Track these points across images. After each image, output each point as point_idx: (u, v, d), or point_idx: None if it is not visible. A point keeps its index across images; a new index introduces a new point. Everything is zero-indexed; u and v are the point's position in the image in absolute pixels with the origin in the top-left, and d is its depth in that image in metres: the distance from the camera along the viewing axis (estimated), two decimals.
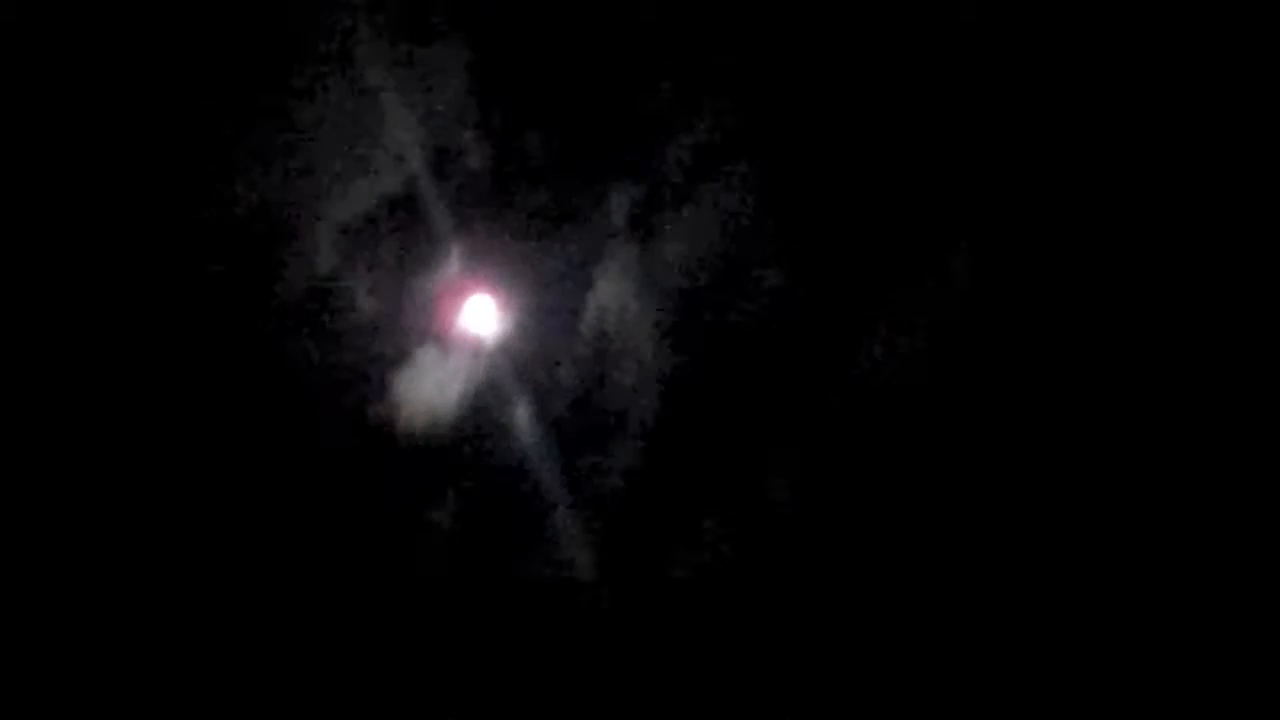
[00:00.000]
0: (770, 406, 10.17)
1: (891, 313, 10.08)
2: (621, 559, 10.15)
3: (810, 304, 10.16)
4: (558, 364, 10.34)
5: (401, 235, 10.17)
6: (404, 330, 10.29)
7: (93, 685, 9.41)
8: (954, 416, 10.01)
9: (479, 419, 10.27)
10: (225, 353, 9.89)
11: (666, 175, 10.32)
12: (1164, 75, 9.88)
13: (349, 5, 9.78)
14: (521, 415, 10.26)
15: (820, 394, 10.24)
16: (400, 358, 10.21)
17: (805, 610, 10.07)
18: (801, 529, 10.18)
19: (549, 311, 10.33)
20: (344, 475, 10.09)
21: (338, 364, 10.13)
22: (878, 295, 10.11)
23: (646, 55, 10.18)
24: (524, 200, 10.27)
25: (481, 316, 10.34)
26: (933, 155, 10.24)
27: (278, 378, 9.98)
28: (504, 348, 10.32)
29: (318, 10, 9.75)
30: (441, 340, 10.31)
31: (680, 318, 10.36)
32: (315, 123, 9.83)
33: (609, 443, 10.29)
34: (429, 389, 10.23)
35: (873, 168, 10.26)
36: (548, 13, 10.19)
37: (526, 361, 10.33)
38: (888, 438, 10.11)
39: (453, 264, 10.29)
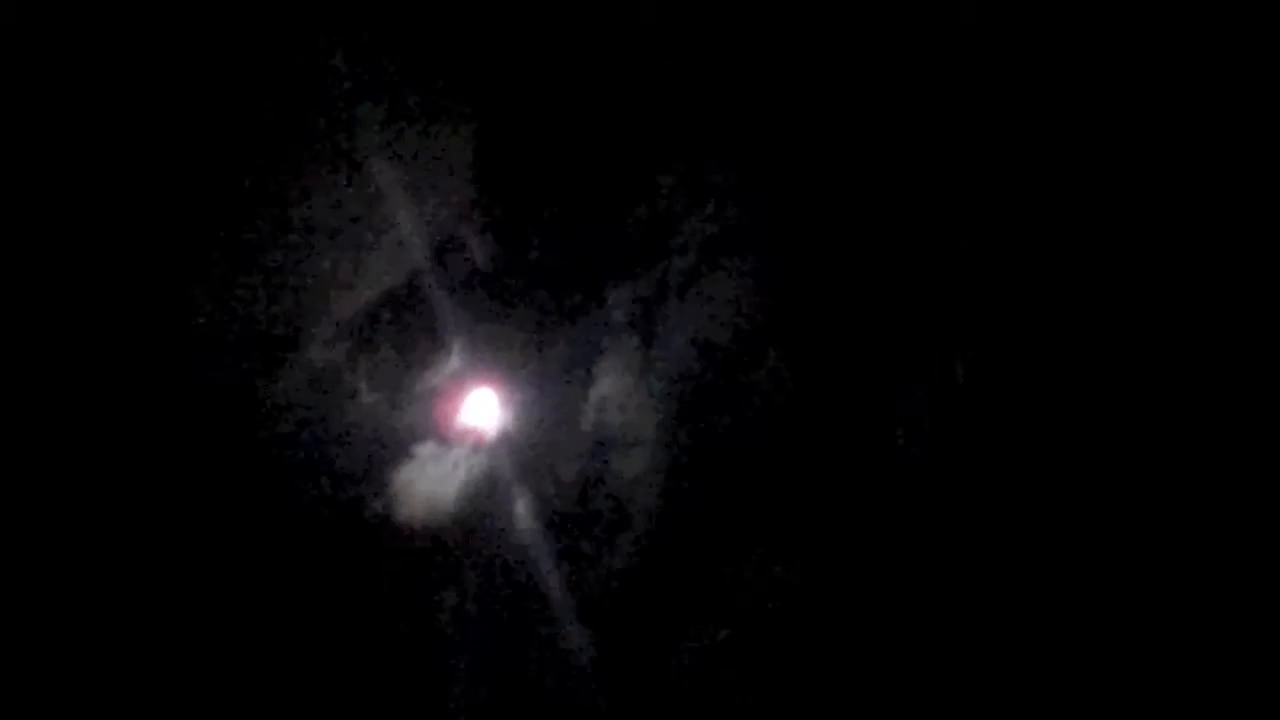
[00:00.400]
0: (770, 500, 10.13)
1: (894, 409, 10.08)
2: (620, 651, 10.05)
3: (810, 399, 10.16)
4: (558, 458, 10.33)
5: (404, 330, 10.24)
6: (405, 424, 10.30)
7: None
8: (951, 515, 9.96)
9: (479, 512, 10.23)
10: (226, 445, 9.88)
11: (667, 271, 10.42)
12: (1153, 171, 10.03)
13: (354, 103, 9.91)
14: (521, 509, 10.22)
15: (821, 488, 10.20)
16: (401, 451, 10.20)
17: (804, 706, 9.96)
18: (802, 626, 10.08)
19: (550, 406, 10.35)
20: (342, 569, 10.03)
21: (338, 457, 10.12)
22: (879, 390, 10.12)
23: (647, 153, 10.33)
24: (525, 296, 10.35)
25: (482, 411, 10.35)
26: (932, 253, 10.32)
27: (278, 471, 9.96)
28: (505, 442, 10.32)
29: (324, 107, 9.88)
30: (442, 434, 10.31)
31: (681, 412, 10.36)
32: (319, 218, 9.93)
33: (609, 535, 10.24)
34: (429, 483, 10.21)
35: (872, 264, 10.33)
36: (551, 112, 10.37)
37: (527, 455, 10.32)
38: (888, 532, 10.05)
39: (454, 359, 10.34)
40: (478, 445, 10.29)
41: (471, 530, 10.21)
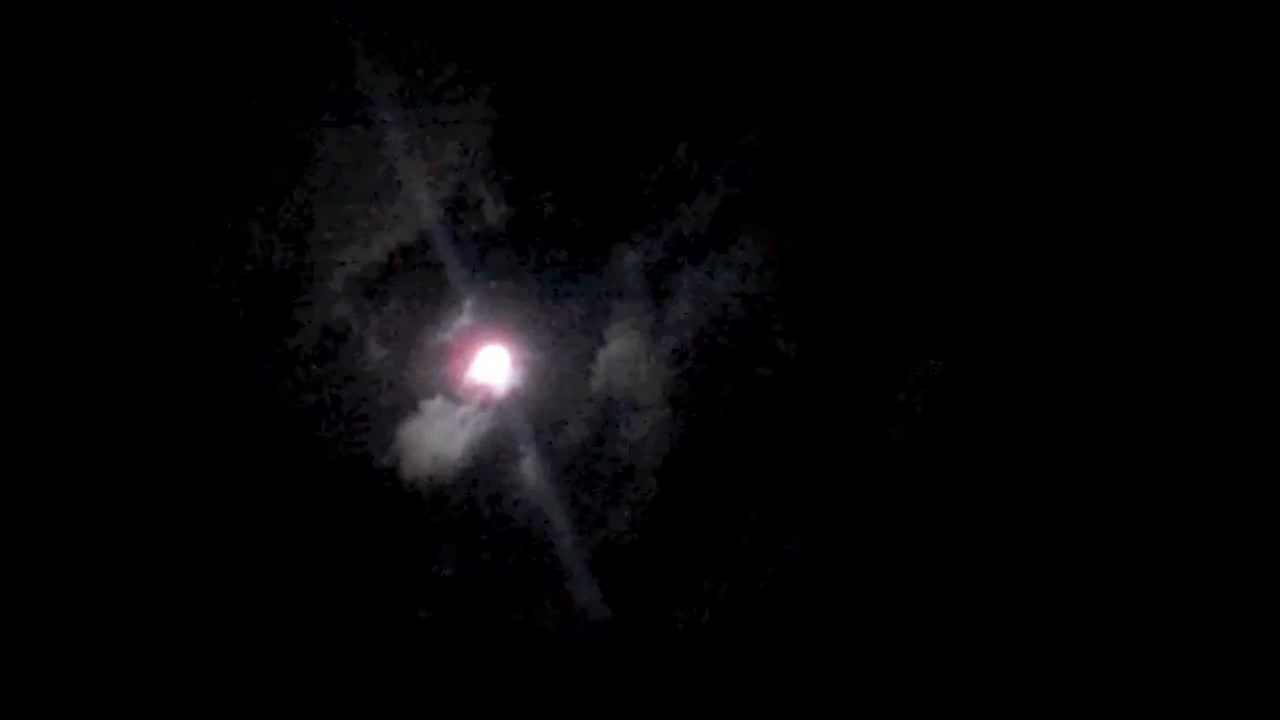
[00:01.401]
0: (773, 468, 10.29)
1: (904, 382, 10.19)
2: (623, 609, 10.29)
3: (819, 370, 10.25)
4: (566, 418, 10.41)
5: (416, 286, 10.19)
6: (415, 379, 10.32)
7: None
8: (955, 491, 10.16)
9: (486, 468, 10.34)
10: (237, 395, 9.92)
11: (680, 236, 10.37)
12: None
13: (373, 59, 9.74)
14: (528, 465, 10.33)
15: (824, 460, 10.35)
16: (409, 406, 10.25)
17: (801, 665, 10.24)
18: (800, 590, 10.33)
19: (559, 365, 10.38)
20: (349, 520, 10.16)
21: (348, 410, 10.17)
22: (888, 365, 10.22)
23: (665, 117, 10.19)
24: (538, 255, 10.30)
25: (492, 368, 10.38)
26: (948, 220, 10.33)
27: (288, 422, 10.02)
28: (513, 399, 10.38)
29: (341, 64, 9.70)
30: (451, 390, 10.36)
31: (688, 377, 10.44)
32: (335, 173, 9.82)
33: (613, 495, 10.38)
34: (437, 438, 10.28)
35: (886, 236, 10.34)
36: (569, 72, 10.19)
37: (535, 414, 10.39)
38: (890, 507, 10.25)
39: (465, 316, 10.32)
40: (486, 402, 10.35)
41: (477, 485, 10.34)
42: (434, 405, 10.24)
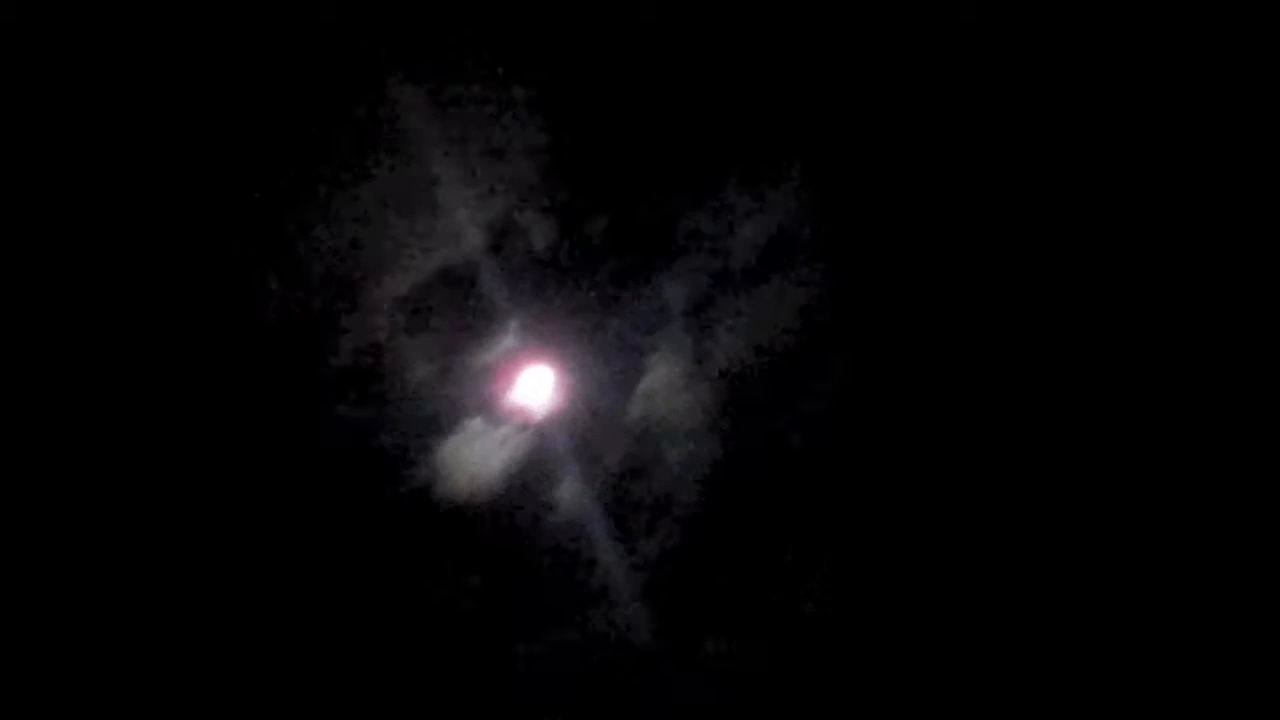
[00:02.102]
0: (810, 505, 10.24)
1: (947, 426, 10.16)
2: (659, 634, 10.22)
3: (861, 411, 10.23)
4: (605, 444, 10.37)
5: (460, 307, 10.19)
6: (455, 398, 10.31)
7: None
8: (997, 529, 10.11)
9: (524, 489, 10.31)
10: (281, 408, 9.92)
11: (725, 267, 10.39)
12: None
13: (424, 80, 9.82)
14: (567, 488, 10.31)
15: (858, 500, 10.32)
16: (449, 425, 10.23)
17: (834, 696, 10.22)
18: (827, 625, 10.31)
19: (600, 392, 10.38)
20: (385, 536, 10.15)
21: (389, 426, 10.15)
22: (931, 398, 10.20)
23: (715, 149, 10.25)
24: (582, 281, 10.31)
25: (532, 391, 10.37)
26: (993, 252, 10.35)
27: (328, 439, 10.02)
28: (554, 422, 10.37)
29: (392, 84, 9.77)
30: (491, 411, 10.33)
31: (730, 407, 10.42)
32: (385, 193, 9.84)
33: (651, 522, 10.35)
34: (476, 456, 10.26)
35: (932, 269, 10.36)
36: (621, 98, 10.24)
37: (575, 437, 10.37)
38: (927, 546, 10.20)
39: (508, 338, 10.31)
40: (526, 424, 10.33)
41: (515, 506, 10.29)
42: (474, 425, 10.24)
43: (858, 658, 10.24)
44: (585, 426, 10.36)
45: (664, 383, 10.39)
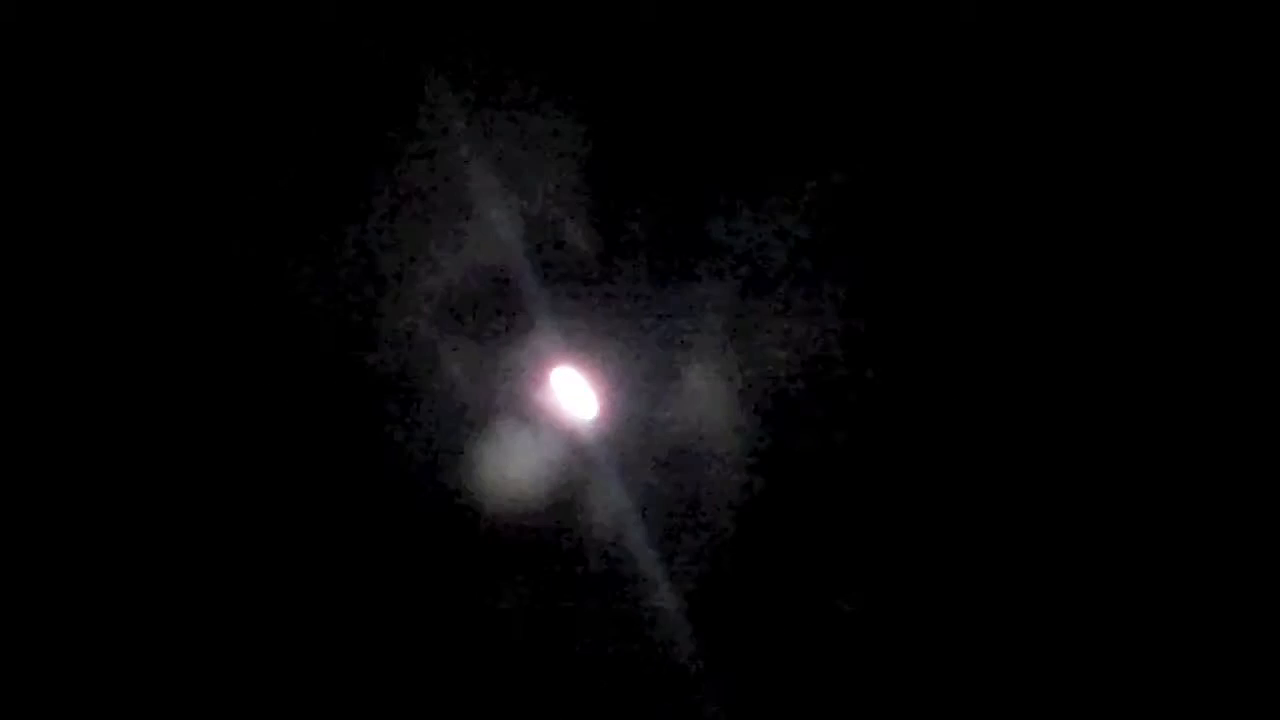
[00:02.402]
0: (855, 522, 10.04)
1: (994, 430, 9.93)
2: (693, 648, 10.01)
3: (906, 416, 10.02)
4: (641, 445, 10.24)
5: (496, 310, 10.13)
6: (486, 402, 10.23)
7: None
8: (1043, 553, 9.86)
9: (557, 495, 10.19)
10: (312, 408, 9.92)
11: (768, 270, 10.22)
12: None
13: (461, 75, 9.81)
14: (601, 497, 10.17)
15: (903, 506, 10.10)
16: (483, 429, 10.15)
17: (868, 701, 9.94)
18: (868, 647, 10.03)
19: (637, 400, 10.22)
20: (415, 540, 10.06)
21: (421, 428, 10.10)
22: (975, 415, 9.96)
23: (757, 157, 10.12)
24: (620, 287, 10.20)
25: (564, 399, 10.26)
26: (1035, 263, 10.11)
27: (360, 439, 9.99)
28: (589, 424, 10.23)
29: (427, 77, 9.77)
30: (522, 417, 10.25)
31: (768, 411, 10.24)
32: (423, 192, 9.83)
33: (686, 534, 10.18)
34: (509, 461, 10.17)
35: (976, 281, 10.15)
36: (665, 94, 10.15)
37: (609, 440, 10.23)
38: (973, 551, 9.97)
39: (541, 343, 10.22)
40: (560, 427, 10.21)
41: (546, 512, 10.19)
42: (508, 426, 10.13)
43: (900, 665, 9.99)
44: (621, 429, 10.25)
45: (702, 385, 10.24)
